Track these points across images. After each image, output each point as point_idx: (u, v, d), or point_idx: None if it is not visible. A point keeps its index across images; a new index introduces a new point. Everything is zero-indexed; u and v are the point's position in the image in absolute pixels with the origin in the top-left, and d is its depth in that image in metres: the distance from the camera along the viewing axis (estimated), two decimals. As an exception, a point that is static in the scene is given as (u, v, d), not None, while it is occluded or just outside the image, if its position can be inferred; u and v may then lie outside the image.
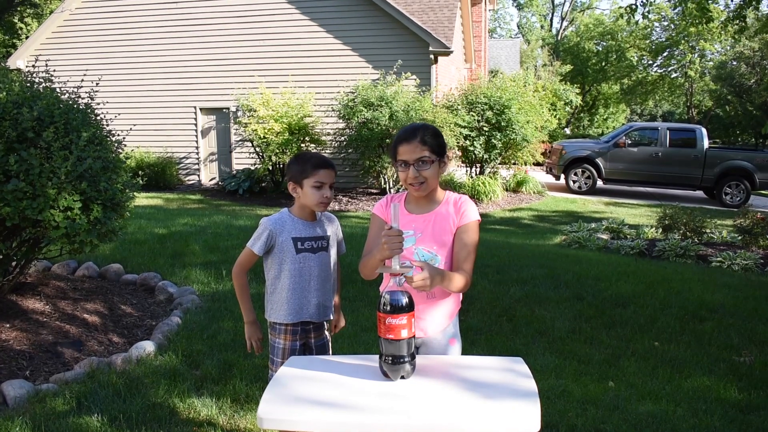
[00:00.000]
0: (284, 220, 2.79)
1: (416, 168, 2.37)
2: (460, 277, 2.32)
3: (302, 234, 2.78)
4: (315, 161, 2.75)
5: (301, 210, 2.81)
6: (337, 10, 14.69)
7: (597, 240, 9.28)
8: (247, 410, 3.61)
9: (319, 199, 2.73)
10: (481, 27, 25.53)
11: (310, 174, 2.71)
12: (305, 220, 2.81)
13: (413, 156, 2.37)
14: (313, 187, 2.72)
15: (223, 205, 12.99)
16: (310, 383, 2.10)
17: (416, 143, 2.37)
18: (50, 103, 4.28)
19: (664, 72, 38.82)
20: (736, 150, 18.37)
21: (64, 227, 4.08)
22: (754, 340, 5.11)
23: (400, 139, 2.41)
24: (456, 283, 2.30)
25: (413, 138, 2.37)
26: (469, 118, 13.89)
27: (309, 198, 2.74)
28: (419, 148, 2.37)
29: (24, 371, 4.03)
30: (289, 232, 2.77)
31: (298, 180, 2.75)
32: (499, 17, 60.06)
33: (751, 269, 7.77)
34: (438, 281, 2.18)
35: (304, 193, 2.74)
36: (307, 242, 2.78)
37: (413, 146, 2.37)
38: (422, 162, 2.38)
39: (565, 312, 5.59)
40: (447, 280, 2.26)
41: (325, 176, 2.73)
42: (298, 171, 2.75)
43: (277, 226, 2.77)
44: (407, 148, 2.38)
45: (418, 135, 2.38)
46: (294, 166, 2.78)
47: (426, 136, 2.39)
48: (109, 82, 14.46)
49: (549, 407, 3.69)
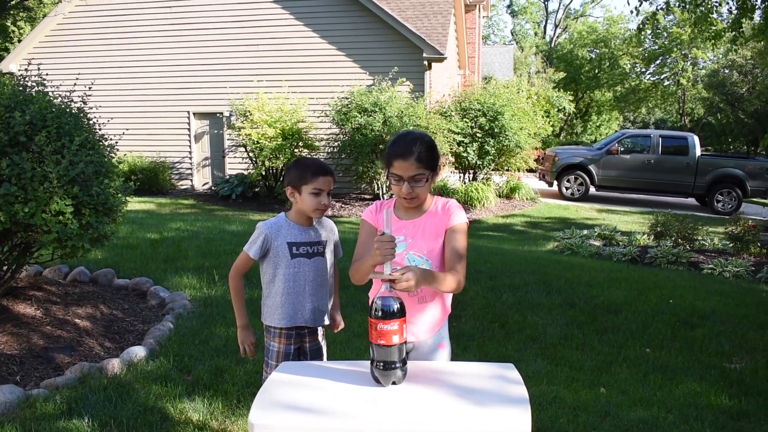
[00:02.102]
0: (280, 224, 2.79)
1: (410, 184, 2.38)
2: (451, 277, 2.32)
3: (297, 239, 2.78)
4: (314, 168, 2.75)
5: (297, 215, 2.81)
6: (331, 15, 14.73)
7: (589, 246, 9.30)
8: (239, 415, 3.60)
9: (317, 206, 2.74)
10: (474, 33, 25.61)
11: (309, 180, 2.71)
12: (301, 225, 2.81)
13: (408, 173, 2.36)
14: (312, 194, 2.72)
15: (216, 210, 12.97)
16: (302, 389, 2.09)
17: (412, 161, 2.35)
18: (43, 107, 4.26)
19: (657, 80, 39.01)
20: (728, 158, 18.51)
21: (55, 232, 4.06)
22: (745, 347, 5.13)
23: (395, 154, 2.38)
24: (447, 283, 2.30)
25: (409, 155, 2.35)
26: (463, 125, 13.93)
27: (306, 204, 2.74)
28: (414, 166, 2.35)
29: (14, 376, 4.00)
30: (285, 237, 2.77)
31: (296, 185, 2.75)
32: (492, 24, 60.32)
33: (743, 276, 7.81)
34: (424, 282, 2.19)
35: (302, 198, 2.74)
36: (303, 247, 2.78)
37: (409, 163, 2.35)
38: (417, 179, 2.38)
39: (558, 318, 5.60)
40: (436, 281, 2.27)
41: (323, 183, 2.73)
42: (297, 177, 2.75)
43: (273, 231, 2.77)
44: (402, 165, 2.36)
45: (414, 152, 2.35)
46: (293, 172, 2.78)
47: (422, 152, 2.36)
48: (102, 86, 14.41)
49: (540, 413, 3.70)
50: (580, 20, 51.32)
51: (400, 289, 2.09)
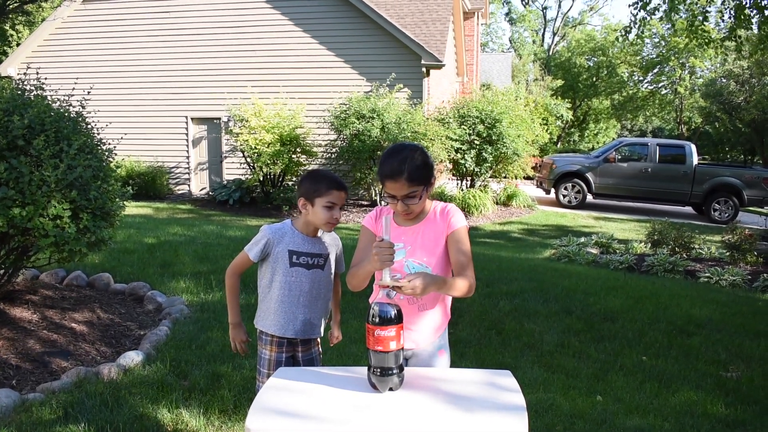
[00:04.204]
0: (285, 230, 2.79)
1: (404, 202, 2.38)
2: (461, 281, 2.33)
3: (299, 248, 2.77)
4: (329, 182, 2.72)
5: (305, 225, 2.80)
6: (330, 21, 14.77)
7: (586, 254, 9.31)
8: (235, 421, 3.59)
9: (329, 219, 2.72)
10: (473, 41, 25.66)
11: (324, 194, 2.69)
12: (306, 235, 2.80)
13: (401, 192, 2.36)
14: (325, 207, 2.70)
15: (213, 215, 12.96)
16: (299, 395, 2.09)
17: (403, 181, 2.32)
18: (41, 111, 4.27)
19: (655, 88, 39.12)
20: (724, 167, 18.56)
21: (53, 236, 4.06)
22: (741, 355, 5.14)
23: (386, 174, 2.36)
24: (458, 287, 2.31)
25: (399, 176, 2.32)
26: (461, 132, 13.95)
27: (318, 217, 2.72)
28: (406, 185, 2.34)
29: (11, 380, 3.99)
30: (287, 244, 2.76)
31: (310, 197, 2.72)
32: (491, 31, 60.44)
33: (739, 285, 7.82)
34: (434, 288, 2.19)
35: (314, 211, 2.72)
36: (303, 257, 2.77)
37: (400, 184, 2.33)
38: (410, 197, 2.37)
39: (554, 326, 5.61)
40: (446, 286, 2.28)
41: (337, 197, 2.71)
42: (312, 189, 2.72)
43: (277, 236, 2.76)
44: (394, 185, 2.35)
45: (404, 172, 2.32)
46: (307, 183, 2.76)
47: (413, 170, 2.33)
48: (101, 90, 14.41)
49: (537, 421, 3.70)
50: (578, 29, 51.47)
51: (404, 294, 2.10)
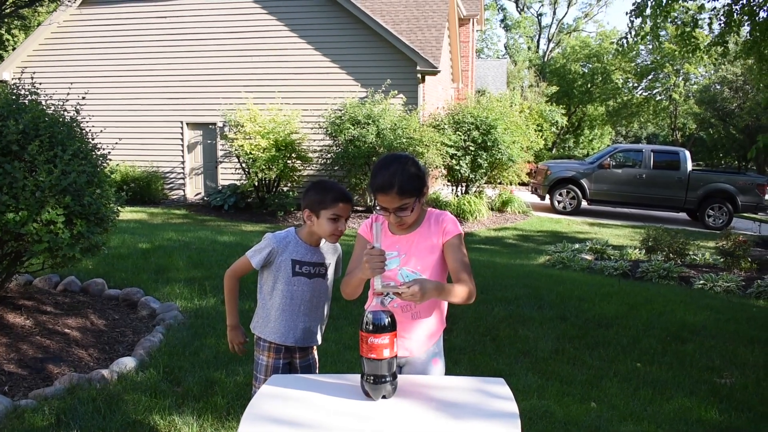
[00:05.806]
0: (289, 239, 2.78)
1: (397, 214, 2.37)
2: (461, 287, 2.32)
3: (302, 258, 2.77)
4: (335, 194, 2.70)
5: (309, 236, 2.79)
6: (325, 27, 14.79)
7: (581, 260, 9.33)
8: (228, 428, 3.58)
9: (333, 231, 2.71)
10: (468, 47, 25.74)
11: (329, 206, 2.68)
12: (309, 245, 2.79)
13: (392, 205, 2.35)
14: (330, 219, 2.68)
15: (208, 221, 12.94)
16: (291, 403, 2.09)
17: (394, 194, 2.31)
18: (36, 116, 4.26)
19: (649, 94, 39.26)
20: (719, 173, 18.60)
21: (46, 241, 4.05)
22: (735, 362, 5.15)
23: (377, 188, 2.36)
24: (457, 293, 2.30)
25: (390, 189, 2.31)
26: (456, 138, 13.97)
27: (323, 228, 2.71)
28: (398, 198, 2.33)
29: (3, 386, 3.97)
30: (291, 254, 2.76)
31: (315, 209, 2.71)
32: (486, 38, 60.56)
33: (733, 291, 7.85)
34: (434, 294, 2.19)
35: (319, 222, 2.71)
36: (306, 267, 2.77)
37: (391, 197, 2.33)
38: (402, 209, 2.37)
39: (549, 332, 5.61)
40: (446, 292, 2.27)
41: (343, 210, 2.70)
42: (317, 200, 2.71)
43: (281, 245, 2.75)
44: (385, 198, 2.34)
45: (395, 185, 2.30)
46: (313, 195, 2.74)
47: (403, 183, 2.31)
48: (96, 95, 14.37)
49: (531, 428, 3.69)
50: (573, 35, 51.64)
51: (405, 299, 2.10)
